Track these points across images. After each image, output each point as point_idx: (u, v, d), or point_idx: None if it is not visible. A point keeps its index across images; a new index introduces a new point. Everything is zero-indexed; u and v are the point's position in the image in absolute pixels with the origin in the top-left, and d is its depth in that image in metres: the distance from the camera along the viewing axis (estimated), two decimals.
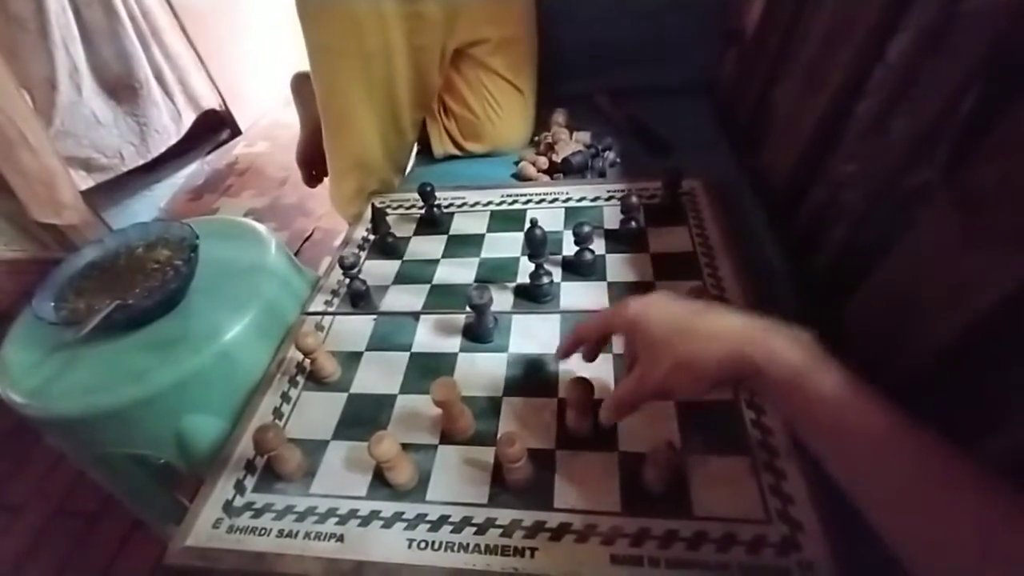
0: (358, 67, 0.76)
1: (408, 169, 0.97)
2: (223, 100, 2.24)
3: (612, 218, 0.70)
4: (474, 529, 0.43)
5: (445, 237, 0.73)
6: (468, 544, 0.42)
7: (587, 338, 0.46)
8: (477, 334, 0.58)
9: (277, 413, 0.54)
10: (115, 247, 0.65)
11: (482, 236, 0.72)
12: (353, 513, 0.45)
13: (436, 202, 0.75)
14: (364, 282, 0.65)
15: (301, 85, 0.99)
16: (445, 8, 0.76)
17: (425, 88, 0.84)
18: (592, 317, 0.45)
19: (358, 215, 0.83)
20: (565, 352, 0.48)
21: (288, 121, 2.38)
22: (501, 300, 0.62)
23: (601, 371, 0.52)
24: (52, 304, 0.58)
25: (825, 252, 0.65)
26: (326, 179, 0.97)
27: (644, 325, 0.39)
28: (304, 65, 0.83)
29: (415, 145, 0.96)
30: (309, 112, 0.97)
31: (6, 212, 1.50)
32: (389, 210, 0.80)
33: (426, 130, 0.94)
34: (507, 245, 0.70)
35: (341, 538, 0.44)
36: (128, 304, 0.56)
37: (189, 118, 2.07)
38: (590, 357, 0.48)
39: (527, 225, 0.60)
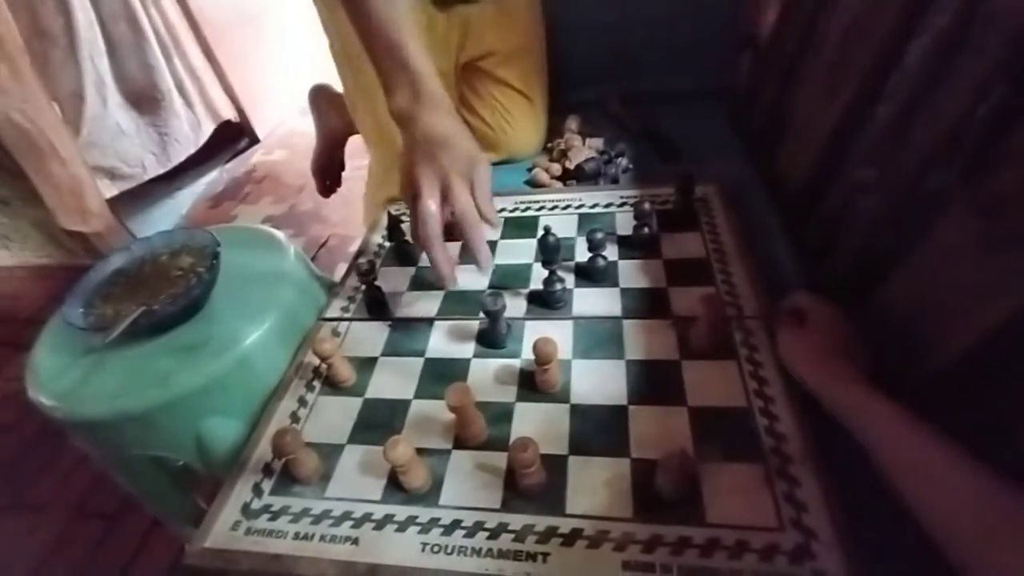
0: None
1: None
2: (241, 110, 2.29)
3: (625, 224, 0.70)
4: (487, 534, 0.43)
5: (459, 244, 0.74)
6: (481, 548, 0.42)
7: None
8: (491, 340, 0.58)
9: (294, 417, 0.56)
10: (140, 254, 0.67)
11: (495, 243, 0.73)
12: (368, 516, 0.46)
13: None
14: (380, 288, 0.66)
15: (317, 97, 1.01)
16: (455, 26, 0.78)
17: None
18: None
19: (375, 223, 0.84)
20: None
21: (304, 129, 2.42)
22: (514, 306, 0.63)
23: (610, 376, 0.53)
24: (81, 310, 0.60)
25: (841, 258, 0.64)
26: (339, 188, 0.99)
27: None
28: (320, 75, 0.84)
29: None
30: (324, 123, 0.99)
31: (35, 220, 1.55)
32: (404, 217, 0.81)
33: None
34: (520, 252, 0.70)
35: (356, 541, 0.44)
36: (153, 310, 0.57)
37: (208, 128, 2.12)
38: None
39: (540, 232, 0.61)
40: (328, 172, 1.03)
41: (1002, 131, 0.42)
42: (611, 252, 0.66)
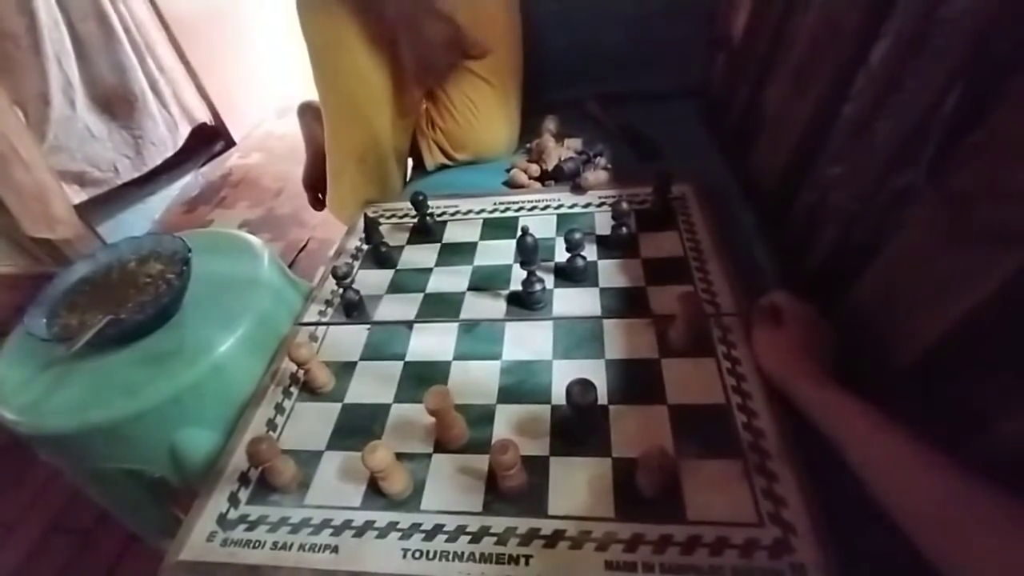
0: (354, 60, 0.78)
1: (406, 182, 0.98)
2: (215, 112, 2.25)
3: (603, 224, 0.71)
4: (469, 537, 0.43)
5: (438, 246, 0.74)
6: (463, 553, 0.42)
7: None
8: (575, 436, 0.49)
9: (271, 425, 0.54)
10: (107, 261, 0.65)
11: (475, 244, 0.72)
12: (348, 524, 0.45)
13: (429, 211, 0.76)
14: (357, 292, 0.65)
15: (305, 112, 1.01)
16: None
17: (405, 90, 0.85)
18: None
19: (354, 216, 0.83)
20: None
21: (282, 132, 2.39)
22: (494, 308, 0.62)
23: (590, 375, 0.53)
24: (44, 320, 0.58)
25: (815, 254, 0.66)
26: None
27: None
28: (299, 79, 0.84)
29: (409, 159, 0.98)
30: (312, 137, 0.99)
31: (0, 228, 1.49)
32: (382, 219, 0.80)
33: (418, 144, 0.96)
34: (499, 253, 0.70)
35: (336, 549, 0.44)
36: (120, 319, 0.56)
37: (185, 130, 2.07)
38: None
39: (519, 233, 0.61)
40: (318, 184, 1.03)
41: (964, 129, 0.43)
42: (590, 252, 0.66)
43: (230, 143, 2.37)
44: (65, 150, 1.71)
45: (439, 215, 0.78)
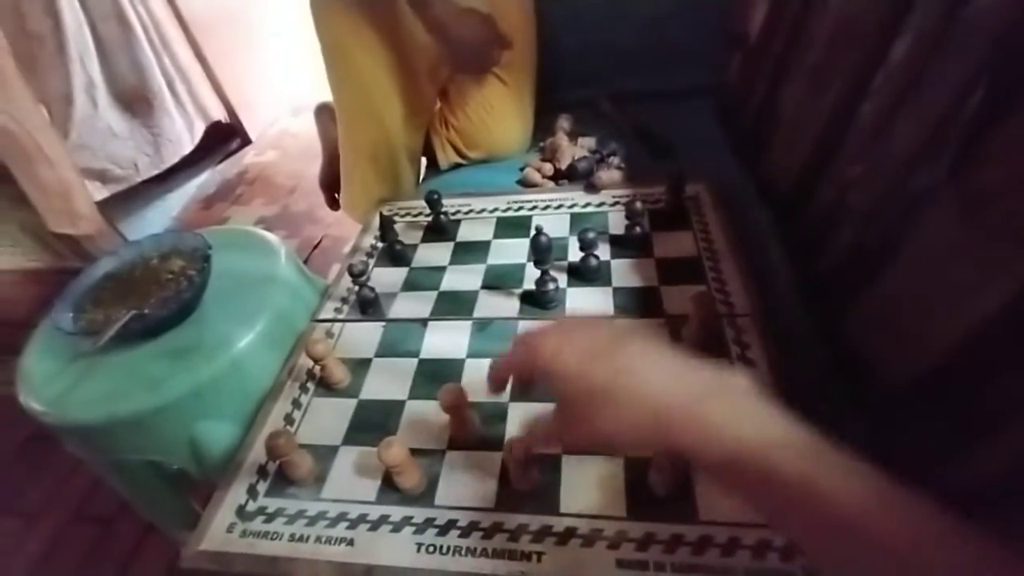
0: (369, 57, 0.79)
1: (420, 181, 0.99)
2: (232, 110, 2.28)
3: (617, 223, 0.71)
4: (481, 533, 0.43)
5: (452, 244, 0.74)
6: (475, 548, 0.43)
7: (504, 378, 0.40)
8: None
9: (288, 419, 0.55)
10: (130, 258, 0.67)
11: (488, 243, 0.73)
12: (363, 517, 0.46)
13: (443, 209, 0.76)
14: (373, 289, 0.66)
15: (322, 112, 1.03)
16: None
17: (417, 89, 0.86)
18: (511, 355, 0.38)
19: (367, 214, 0.84)
20: (497, 384, 0.40)
21: (297, 130, 2.41)
22: (507, 307, 0.63)
23: None
24: (70, 315, 0.59)
25: (831, 255, 0.65)
26: None
27: (560, 377, 0.33)
28: (313, 77, 0.85)
29: (423, 158, 0.99)
30: (328, 138, 1.01)
31: (25, 224, 1.53)
32: (397, 218, 0.81)
33: (432, 143, 0.97)
34: (513, 251, 0.70)
35: (351, 542, 0.45)
36: (144, 314, 0.57)
37: (200, 128, 2.10)
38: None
39: (532, 232, 0.61)
40: (334, 185, 1.04)
41: (985, 129, 0.42)
42: (603, 251, 0.66)
43: (246, 141, 2.40)
44: (88, 148, 1.75)
45: (453, 214, 0.79)
